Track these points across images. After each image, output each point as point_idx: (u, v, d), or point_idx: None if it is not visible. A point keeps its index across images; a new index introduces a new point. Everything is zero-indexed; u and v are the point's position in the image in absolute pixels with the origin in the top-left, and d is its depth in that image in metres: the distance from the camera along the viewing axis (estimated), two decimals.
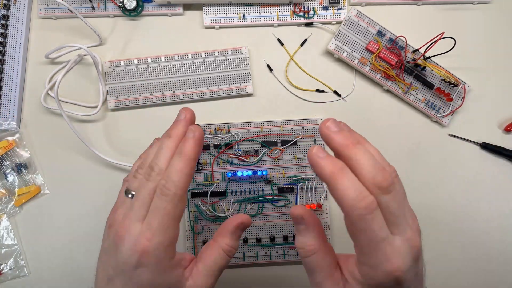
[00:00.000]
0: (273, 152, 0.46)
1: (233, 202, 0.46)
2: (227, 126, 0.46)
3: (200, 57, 0.46)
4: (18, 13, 0.46)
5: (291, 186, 0.46)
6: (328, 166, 0.24)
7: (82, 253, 0.47)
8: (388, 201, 0.24)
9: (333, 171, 0.24)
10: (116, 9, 0.47)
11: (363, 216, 0.23)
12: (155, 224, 0.26)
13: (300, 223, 0.28)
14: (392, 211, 0.24)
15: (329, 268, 0.27)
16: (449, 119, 0.47)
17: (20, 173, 0.46)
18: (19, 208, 0.47)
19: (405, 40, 0.45)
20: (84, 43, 0.45)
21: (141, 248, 0.25)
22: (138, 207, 0.27)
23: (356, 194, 0.23)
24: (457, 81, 0.45)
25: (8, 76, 0.46)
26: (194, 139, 0.28)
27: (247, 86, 0.47)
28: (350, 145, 0.25)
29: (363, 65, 0.46)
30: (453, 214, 0.47)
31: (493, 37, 0.48)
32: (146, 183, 0.28)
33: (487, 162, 0.47)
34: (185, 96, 0.46)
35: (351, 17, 0.46)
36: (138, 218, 0.27)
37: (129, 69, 0.46)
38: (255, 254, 0.46)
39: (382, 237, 0.23)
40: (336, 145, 0.25)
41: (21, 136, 0.47)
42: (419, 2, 0.48)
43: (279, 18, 0.47)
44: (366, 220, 0.23)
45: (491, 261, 0.47)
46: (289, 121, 0.46)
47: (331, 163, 0.24)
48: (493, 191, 0.47)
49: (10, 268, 0.46)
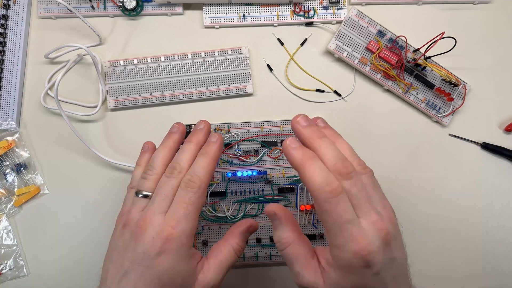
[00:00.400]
0: (273, 152, 0.46)
1: (233, 202, 0.46)
2: (227, 126, 0.46)
3: (200, 57, 0.46)
4: (18, 13, 0.46)
5: (291, 186, 0.46)
6: (299, 155, 0.27)
7: (82, 253, 0.46)
8: (349, 187, 0.26)
9: (302, 159, 0.27)
10: (116, 8, 0.47)
11: (328, 199, 0.25)
12: (180, 212, 0.29)
13: (274, 219, 0.30)
14: (354, 195, 0.26)
15: (306, 258, 0.29)
16: (450, 119, 0.47)
17: (19, 173, 0.46)
18: (19, 208, 0.47)
19: (406, 40, 0.45)
20: (83, 43, 0.45)
21: (165, 235, 0.28)
22: (160, 201, 0.30)
23: (322, 179, 0.25)
24: (457, 81, 0.45)
25: (7, 76, 0.46)
26: (217, 143, 0.33)
27: (247, 86, 0.46)
28: (316, 138, 0.28)
29: (363, 65, 0.46)
30: (453, 214, 0.47)
31: (494, 37, 0.48)
32: (167, 180, 0.30)
33: (488, 162, 0.47)
34: (185, 96, 0.46)
35: (352, 17, 0.46)
36: (161, 211, 0.29)
37: (128, 69, 0.46)
38: (255, 254, 0.46)
39: (347, 219, 0.25)
40: (303, 137, 0.29)
41: (20, 136, 0.47)
42: (420, 2, 0.47)
43: (279, 17, 0.47)
44: (331, 203, 0.25)
45: (491, 261, 0.47)
46: (289, 121, 0.46)
47: (302, 153, 0.27)
48: (493, 191, 0.47)
49: (9, 268, 0.46)
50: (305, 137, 0.29)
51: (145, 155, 0.36)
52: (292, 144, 0.28)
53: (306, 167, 0.26)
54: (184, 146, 0.33)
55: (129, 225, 0.30)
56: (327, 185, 0.25)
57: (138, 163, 0.36)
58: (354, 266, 0.25)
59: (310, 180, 0.26)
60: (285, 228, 0.30)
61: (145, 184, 0.32)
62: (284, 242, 0.30)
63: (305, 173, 0.26)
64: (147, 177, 0.32)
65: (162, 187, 0.31)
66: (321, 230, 0.46)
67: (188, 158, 0.32)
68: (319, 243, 0.46)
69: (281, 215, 0.30)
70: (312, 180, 0.25)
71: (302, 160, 0.26)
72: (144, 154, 0.36)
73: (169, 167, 0.31)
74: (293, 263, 0.29)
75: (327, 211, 0.25)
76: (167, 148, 0.34)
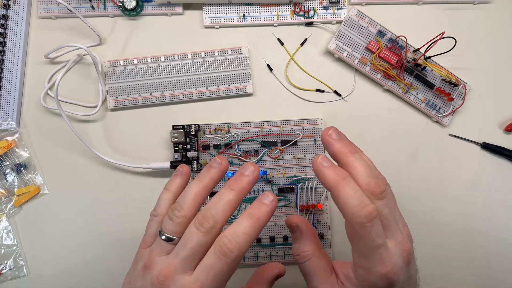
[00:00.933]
0: (273, 152, 0.46)
1: None
2: (227, 126, 0.46)
3: (200, 57, 0.46)
4: (18, 13, 0.46)
5: (291, 186, 0.46)
6: (332, 175, 0.25)
7: (81, 253, 0.46)
8: (381, 207, 0.25)
9: (336, 180, 0.25)
10: (116, 8, 0.47)
11: (363, 224, 0.24)
12: (207, 282, 0.25)
13: (295, 231, 0.30)
14: (385, 216, 0.26)
15: (325, 272, 0.28)
16: (450, 119, 0.47)
17: (19, 173, 0.46)
18: (19, 208, 0.47)
19: (406, 40, 0.45)
20: (83, 42, 0.45)
21: None
22: (185, 258, 0.26)
23: (358, 202, 0.24)
24: (457, 81, 0.45)
25: (7, 76, 0.46)
26: (270, 206, 0.26)
27: (247, 86, 0.46)
28: (348, 153, 0.27)
29: (364, 64, 0.46)
30: (453, 214, 0.47)
31: (494, 36, 0.48)
32: (198, 235, 0.26)
33: (488, 162, 0.47)
34: (185, 96, 0.46)
35: (352, 17, 0.46)
36: (186, 270, 0.26)
37: (128, 69, 0.46)
38: (255, 254, 0.46)
39: (379, 244, 0.24)
40: (335, 151, 0.27)
41: (20, 136, 0.47)
42: (420, 2, 0.47)
43: (279, 17, 0.47)
44: (366, 228, 0.24)
45: (491, 261, 0.47)
46: (289, 121, 0.46)
47: (334, 172, 0.25)
48: (493, 191, 0.47)
49: (9, 268, 0.46)
50: (337, 151, 0.27)
51: (177, 180, 0.31)
52: (324, 162, 0.26)
53: (340, 189, 0.24)
54: (223, 192, 0.27)
55: (150, 271, 0.27)
56: (362, 208, 0.24)
57: (167, 187, 0.31)
58: (378, 287, 0.25)
59: (344, 202, 0.24)
60: (306, 241, 0.29)
61: (170, 226, 0.27)
62: (304, 255, 0.29)
63: (340, 194, 0.24)
64: (174, 218, 0.27)
65: (190, 239, 0.26)
66: (321, 230, 0.46)
67: (226, 211, 0.26)
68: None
69: (303, 228, 0.29)
70: (347, 202, 0.24)
71: (336, 181, 0.25)
72: (175, 179, 0.31)
73: (202, 215, 0.26)
74: (312, 278, 0.28)
75: (361, 235, 0.24)
76: (202, 186, 0.28)
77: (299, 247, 0.29)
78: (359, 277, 0.26)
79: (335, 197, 0.25)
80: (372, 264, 0.25)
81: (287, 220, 0.30)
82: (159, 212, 0.30)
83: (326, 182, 0.25)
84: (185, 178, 0.31)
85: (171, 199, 0.30)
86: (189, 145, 0.46)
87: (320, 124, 0.46)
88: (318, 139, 0.46)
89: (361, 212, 0.24)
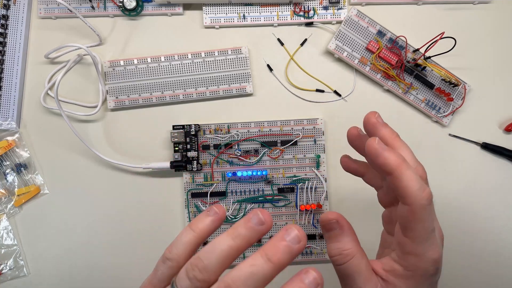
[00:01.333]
0: (273, 152, 0.46)
1: (233, 202, 0.46)
2: (227, 126, 0.46)
3: (200, 57, 0.46)
4: (18, 13, 0.46)
5: (291, 186, 0.46)
6: (392, 157, 0.24)
7: (81, 253, 0.46)
8: None
9: (398, 162, 0.24)
10: (116, 9, 0.47)
11: (425, 206, 0.23)
12: None
13: (333, 228, 0.27)
14: None
15: (368, 271, 0.26)
16: (450, 119, 0.47)
17: (19, 173, 0.46)
18: (19, 208, 0.47)
19: (405, 40, 0.45)
20: (83, 43, 0.45)
21: None
22: None
23: (419, 185, 0.23)
24: (457, 81, 0.45)
25: (7, 76, 0.46)
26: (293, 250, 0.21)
27: (247, 86, 0.46)
28: (397, 137, 0.27)
29: (363, 65, 0.46)
30: (453, 214, 0.47)
31: (494, 37, 0.48)
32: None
33: (488, 162, 0.47)
34: (185, 96, 0.46)
35: (351, 17, 0.46)
36: None
37: (128, 69, 0.46)
38: None
39: (433, 227, 0.24)
40: (384, 134, 0.27)
41: (20, 136, 0.47)
42: (420, 2, 0.47)
43: (279, 17, 0.47)
44: (426, 210, 0.23)
45: (490, 261, 0.47)
46: (289, 121, 0.46)
47: (395, 155, 0.24)
48: (493, 191, 0.47)
49: (9, 268, 0.46)
50: (386, 135, 0.27)
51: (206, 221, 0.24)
52: (382, 144, 0.24)
53: (403, 171, 0.23)
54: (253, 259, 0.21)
55: None
56: (424, 191, 0.23)
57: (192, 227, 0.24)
58: (428, 274, 0.25)
59: (407, 185, 0.23)
60: (348, 238, 0.26)
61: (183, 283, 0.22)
62: (347, 254, 0.26)
63: (403, 177, 0.23)
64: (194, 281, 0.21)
65: None
66: (321, 230, 0.46)
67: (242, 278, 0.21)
68: (319, 243, 0.46)
69: (344, 223, 0.27)
70: (410, 185, 0.23)
71: (398, 163, 0.24)
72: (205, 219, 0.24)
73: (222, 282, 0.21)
74: (355, 278, 0.26)
75: (421, 219, 0.24)
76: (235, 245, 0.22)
77: (340, 245, 0.26)
78: (410, 266, 0.25)
79: (397, 180, 0.24)
80: (426, 249, 0.24)
81: (323, 217, 0.27)
82: (175, 257, 0.23)
83: (386, 165, 0.24)
84: (218, 222, 0.25)
85: (193, 243, 0.24)
86: (189, 145, 0.46)
87: (320, 124, 0.46)
88: (318, 139, 0.46)
89: (423, 195, 0.23)
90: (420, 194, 0.23)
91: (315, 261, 0.46)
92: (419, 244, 0.25)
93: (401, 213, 0.25)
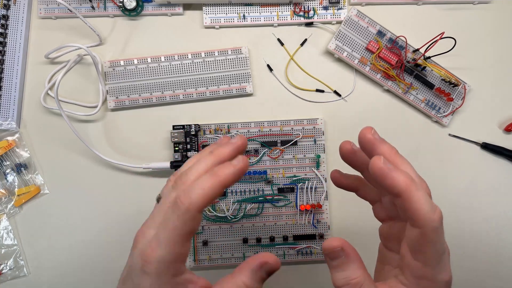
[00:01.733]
0: (273, 152, 0.46)
1: (233, 202, 0.46)
2: (227, 126, 0.46)
3: (200, 57, 0.46)
4: (18, 13, 0.46)
5: (291, 186, 0.46)
6: (402, 178, 0.23)
7: (81, 253, 0.46)
8: None
9: (407, 183, 0.22)
10: (116, 9, 0.47)
11: (436, 228, 0.22)
12: (162, 236, 0.24)
13: (339, 256, 0.25)
14: None
15: None
16: (449, 119, 0.47)
17: (19, 173, 0.46)
18: (19, 208, 0.47)
19: (405, 40, 0.45)
20: (84, 43, 0.45)
21: (145, 257, 0.24)
22: (156, 213, 0.26)
23: (430, 206, 0.22)
24: (457, 81, 0.45)
25: (8, 76, 0.46)
26: (235, 168, 0.25)
27: (247, 86, 0.46)
28: (397, 153, 0.25)
29: (363, 65, 0.46)
30: (453, 214, 0.47)
31: (494, 36, 0.48)
32: (170, 191, 0.26)
33: (487, 162, 0.47)
34: (185, 96, 0.46)
35: (351, 17, 0.46)
36: (154, 224, 0.26)
37: (129, 69, 0.46)
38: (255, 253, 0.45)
39: (445, 248, 0.23)
40: (383, 151, 0.25)
41: (20, 136, 0.47)
42: (419, 2, 0.47)
43: (279, 18, 0.47)
44: (438, 232, 0.23)
45: (490, 261, 0.47)
46: (289, 121, 0.46)
47: (404, 175, 0.23)
48: (493, 191, 0.47)
49: (9, 268, 0.46)
50: (385, 152, 0.25)
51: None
52: (388, 164, 0.23)
53: (413, 193, 0.22)
54: (202, 155, 0.27)
55: None
56: (434, 212, 0.22)
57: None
58: None
59: (418, 208, 0.22)
60: (354, 265, 0.24)
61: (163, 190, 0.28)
62: (355, 283, 0.24)
63: (413, 198, 0.22)
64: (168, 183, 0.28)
65: (164, 197, 0.27)
66: (321, 230, 0.46)
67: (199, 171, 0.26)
68: (319, 243, 0.46)
69: (349, 250, 0.24)
70: (421, 208, 0.22)
71: (407, 184, 0.22)
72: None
73: (178, 175, 0.27)
74: None
75: (433, 242, 0.23)
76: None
77: (346, 274, 0.24)
78: None
79: (407, 202, 0.22)
80: (437, 271, 0.23)
81: (326, 245, 0.25)
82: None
83: (395, 186, 0.23)
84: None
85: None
86: (189, 145, 0.46)
87: (320, 124, 0.46)
88: (318, 139, 0.46)
89: (434, 217, 0.22)
90: (432, 217, 0.22)
91: (315, 261, 0.46)
92: (431, 268, 0.23)
93: (410, 236, 0.23)
